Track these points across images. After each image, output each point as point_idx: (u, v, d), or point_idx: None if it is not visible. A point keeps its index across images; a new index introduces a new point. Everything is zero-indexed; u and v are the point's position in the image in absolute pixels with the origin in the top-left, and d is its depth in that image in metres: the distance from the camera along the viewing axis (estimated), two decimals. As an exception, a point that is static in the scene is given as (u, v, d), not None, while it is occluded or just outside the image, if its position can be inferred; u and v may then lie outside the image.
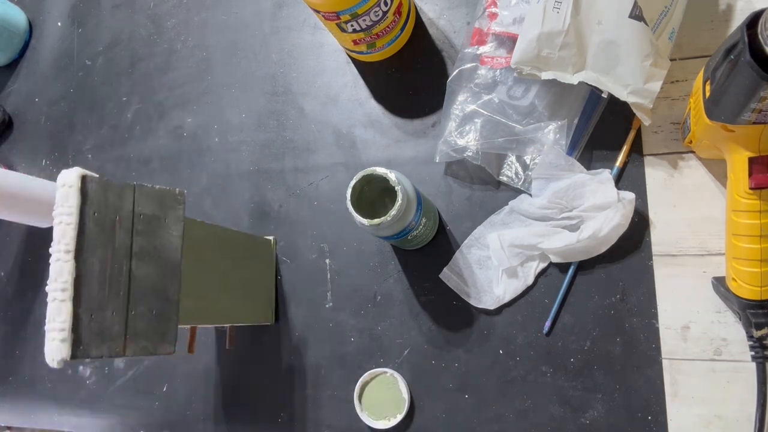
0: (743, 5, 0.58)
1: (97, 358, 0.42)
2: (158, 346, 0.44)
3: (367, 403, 0.62)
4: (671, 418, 0.53)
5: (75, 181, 0.42)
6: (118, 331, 0.43)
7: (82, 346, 0.41)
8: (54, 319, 0.41)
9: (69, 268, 0.41)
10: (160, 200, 0.47)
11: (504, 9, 0.62)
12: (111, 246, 0.43)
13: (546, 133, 0.59)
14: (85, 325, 0.41)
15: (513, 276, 0.60)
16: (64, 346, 0.40)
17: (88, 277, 0.42)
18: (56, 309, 0.41)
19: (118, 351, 0.42)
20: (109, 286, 0.43)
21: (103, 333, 0.42)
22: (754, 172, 0.46)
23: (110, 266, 0.43)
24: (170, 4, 0.85)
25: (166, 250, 0.47)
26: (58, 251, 0.41)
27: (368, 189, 0.57)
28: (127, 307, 0.43)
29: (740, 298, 0.49)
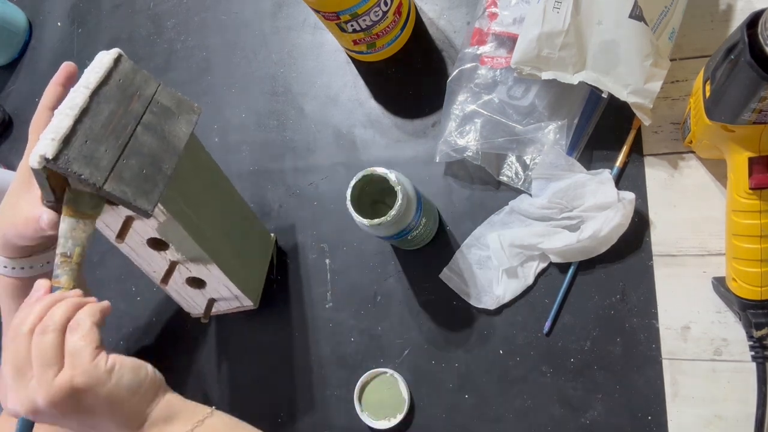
0: (743, 5, 0.58)
1: (76, 175, 0.41)
2: (138, 198, 0.44)
3: (367, 403, 0.62)
4: (671, 418, 0.53)
5: (114, 52, 0.47)
6: (106, 166, 0.43)
7: (68, 155, 0.41)
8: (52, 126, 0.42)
9: (83, 98, 0.43)
10: (179, 103, 0.50)
11: (504, 9, 0.62)
12: (124, 106, 0.46)
13: (546, 133, 0.59)
14: (77, 142, 0.42)
15: (513, 276, 0.60)
16: (51, 145, 0.40)
17: (95, 114, 0.44)
18: (58, 121, 0.42)
19: (98, 180, 0.42)
20: (111, 131, 0.44)
21: (91, 159, 0.42)
22: (754, 172, 0.46)
23: (118, 119, 0.45)
24: (170, 4, 0.85)
25: (172, 135, 0.49)
26: (79, 86, 0.44)
27: (368, 189, 0.57)
28: (121, 154, 0.44)
29: (740, 298, 0.49)
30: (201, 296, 0.65)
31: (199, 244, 0.55)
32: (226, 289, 0.63)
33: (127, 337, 0.74)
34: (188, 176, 0.54)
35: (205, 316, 0.65)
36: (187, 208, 0.53)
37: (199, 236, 0.55)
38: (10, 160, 0.86)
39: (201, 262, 0.58)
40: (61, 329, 0.40)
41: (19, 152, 0.87)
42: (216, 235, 0.58)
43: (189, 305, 0.67)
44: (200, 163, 0.58)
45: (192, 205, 0.54)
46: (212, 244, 0.57)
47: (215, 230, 0.58)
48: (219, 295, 0.65)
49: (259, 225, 0.69)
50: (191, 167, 0.55)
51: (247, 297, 0.65)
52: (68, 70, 0.50)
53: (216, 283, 0.62)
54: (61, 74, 0.50)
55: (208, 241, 0.57)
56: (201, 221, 0.56)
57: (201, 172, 0.58)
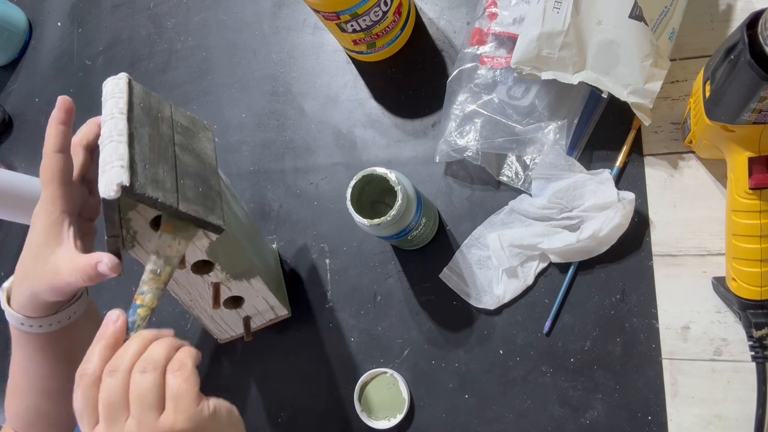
0: (743, 5, 0.58)
1: (152, 201, 0.39)
2: (209, 215, 0.43)
3: (367, 403, 0.62)
4: (671, 418, 0.53)
5: (124, 77, 0.45)
6: (171, 187, 0.41)
7: (140, 181, 0.39)
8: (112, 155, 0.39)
9: (124, 122, 0.41)
10: (192, 121, 0.49)
11: (504, 9, 0.62)
12: (156, 129, 0.44)
13: (546, 133, 0.59)
14: (140, 168, 0.40)
15: (513, 276, 0.60)
16: (123, 172, 0.38)
17: (139, 138, 0.41)
18: (113, 148, 0.39)
19: (172, 202, 0.40)
20: (159, 154, 0.42)
21: (157, 182, 0.40)
22: (754, 172, 0.46)
23: (158, 141, 0.43)
24: (170, 4, 0.85)
25: (203, 154, 0.47)
26: (112, 112, 0.41)
27: (368, 189, 0.57)
28: (176, 175, 0.42)
29: (740, 298, 0.49)
30: (236, 316, 0.63)
31: (246, 259, 0.54)
32: (263, 301, 0.62)
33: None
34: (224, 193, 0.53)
35: (248, 335, 0.63)
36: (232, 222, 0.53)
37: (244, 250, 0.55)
38: (10, 160, 0.86)
39: (243, 278, 0.57)
40: (162, 370, 0.37)
41: (19, 152, 0.87)
42: (250, 248, 0.58)
43: (221, 329, 0.65)
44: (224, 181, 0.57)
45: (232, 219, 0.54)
46: (252, 259, 0.57)
47: (248, 244, 0.58)
48: (255, 311, 0.63)
49: (266, 242, 0.69)
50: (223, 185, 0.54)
51: (282, 306, 0.64)
52: (66, 106, 0.46)
53: (255, 297, 0.60)
54: (60, 112, 0.46)
55: (250, 255, 0.56)
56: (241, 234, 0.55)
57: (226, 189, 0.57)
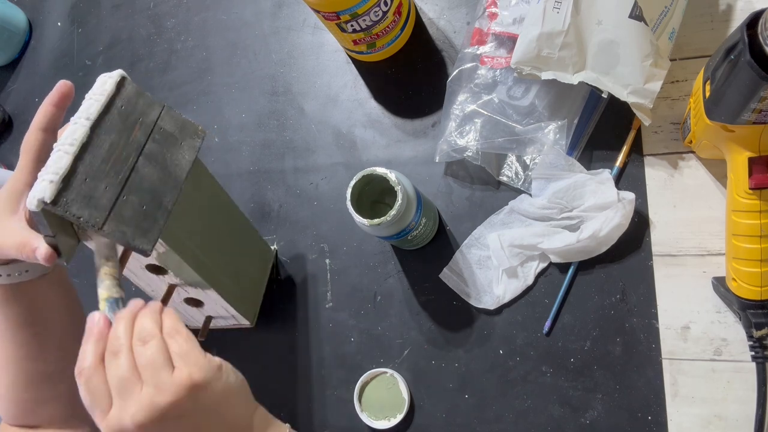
0: (743, 5, 0.58)
1: (75, 218, 0.40)
2: (137, 238, 0.44)
3: (367, 403, 0.62)
4: (671, 418, 0.53)
5: (116, 76, 0.45)
6: (105, 205, 0.42)
7: (67, 198, 0.40)
8: (51, 165, 0.40)
9: (82, 131, 0.42)
10: (183, 127, 0.49)
11: (504, 9, 0.62)
12: (126, 136, 0.45)
13: (546, 133, 0.59)
14: (77, 182, 0.41)
15: (513, 276, 0.60)
16: (50, 188, 0.39)
17: (95, 148, 0.43)
18: (57, 158, 0.41)
19: (97, 221, 0.42)
20: (112, 165, 0.43)
21: (91, 199, 0.42)
22: (754, 172, 0.46)
23: (119, 151, 0.44)
24: (170, 4, 0.85)
25: (174, 165, 0.48)
26: (79, 118, 0.43)
27: (368, 189, 0.57)
28: (121, 191, 0.44)
29: (740, 298, 0.49)
30: (199, 314, 0.65)
31: (197, 272, 0.55)
32: (223, 309, 0.63)
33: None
34: (189, 204, 0.53)
35: (202, 335, 0.64)
36: (186, 239, 0.53)
37: (198, 264, 0.55)
38: (10, 160, 0.86)
39: (199, 287, 0.58)
40: (160, 336, 0.39)
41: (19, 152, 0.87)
42: (214, 260, 0.58)
43: (187, 320, 0.67)
44: (202, 188, 0.57)
45: (191, 233, 0.54)
46: (210, 271, 0.57)
47: (214, 255, 0.58)
48: (216, 314, 0.65)
49: (260, 240, 0.69)
50: (192, 193, 0.54)
51: (243, 317, 0.65)
52: (63, 90, 0.47)
53: (213, 304, 0.62)
54: (55, 94, 0.47)
55: (207, 268, 0.56)
56: (200, 249, 0.55)
57: (202, 196, 0.57)
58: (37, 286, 0.53)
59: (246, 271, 0.66)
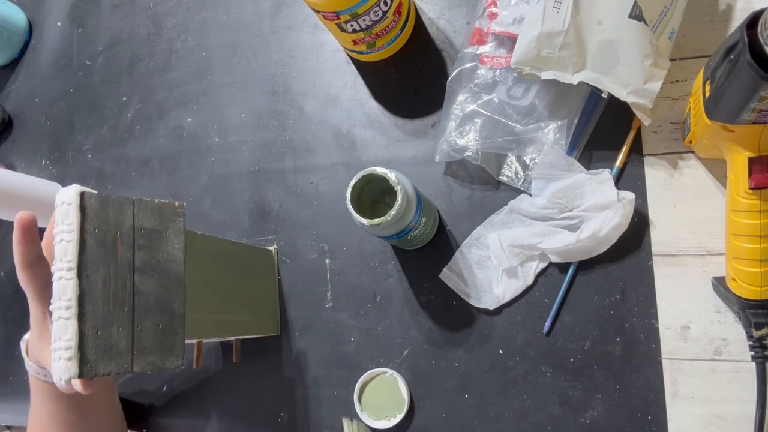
0: (743, 5, 0.58)
1: (104, 375, 0.41)
2: (166, 360, 0.44)
3: (367, 403, 0.62)
4: (671, 418, 0.53)
5: (74, 198, 0.42)
6: (125, 347, 0.42)
7: (89, 363, 0.41)
8: (60, 338, 0.41)
9: (72, 286, 0.41)
10: (160, 214, 0.47)
11: (504, 9, 0.62)
12: (113, 261, 0.43)
13: (546, 133, 0.59)
14: (91, 343, 0.41)
15: (513, 276, 0.60)
16: (71, 365, 0.40)
17: (92, 294, 0.42)
18: (62, 327, 0.41)
19: (126, 367, 0.42)
20: (114, 302, 0.43)
21: (110, 349, 0.42)
22: (754, 172, 0.46)
23: (113, 282, 0.43)
24: (170, 4, 0.85)
25: (168, 263, 0.46)
26: (61, 269, 0.41)
27: (368, 189, 0.57)
28: (133, 323, 0.43)
29: (740, 298, 0.49)
30: None
31: (220, 335, 0.55)
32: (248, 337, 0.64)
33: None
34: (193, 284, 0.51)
35: (236, 358, 0.65)
36: (204, 317, 0.53)
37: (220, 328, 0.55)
38: (10, 160, 0.86)
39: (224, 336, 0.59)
40: None
41: (19, 152, 0.87)
42: (233, 311, 0.58)
43: None
44: (197, 255, 0.54)
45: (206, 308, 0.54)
46: (232, 323, 0.58)
47: (232, 309, 0.58)
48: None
49: (261, 252, 0.68)
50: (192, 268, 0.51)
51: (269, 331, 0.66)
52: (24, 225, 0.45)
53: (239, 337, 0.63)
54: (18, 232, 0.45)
55: (229, 324, 0.57)
56: (218, 314, 0.55)
57: (201, 263, 0.55)
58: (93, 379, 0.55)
59: (260, 293, 0.66)
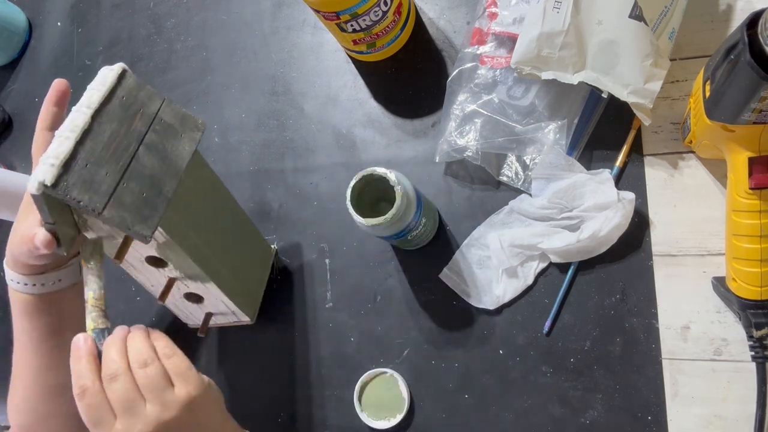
0: (743, 5, 0.58)
1: (75, 201, 0.41)
2: (136, 223, 0.44)
3: (367, 403, 0.62)
4: (671, 418, 0.53)
5: (117, 68, 0.46)
6: (105, 191, 0.43)
7: (68, 182, 0.41)
8: (52, 150, 0.41)
9: (84, 119, 0.43)
10: (183, 119, 0.50)
11: (504, 9, 0.62)
12: (127, 125, 0.45)
13: (546, 133, 0.59)
14: (78, 167, 0.42)
15: (513, 276, 0.60)
16: (50, 171, 0.40)
17: (96, 135, 0.43)
18: (58, 144, 0.41)
19: (98, 206, 0.42)
20: (113, 152, 0.44)
21: (91, 183, 0.42)
22: (754, 172, 0.46)
23: (119, 139, 0.45)
24: (170, 4, 0.85)
25: (174, 154, 0.48)
26: (81, 107, 0.43)
27: (368, 189, 0.57)
28: (121, 177, 0.44)
29: (740, 298, 0.49)
30: (199, 310, 0.65)
31: (198, 264, 0.54)
32: (223, 305, 0.62)
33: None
34: (189, 195, 0.53)
35: (202, 331, 0.64)
36: (186, 229, 0.53)
37: (198, 256, 0.55)
38: (9, 160, 0.86)
39: (199, 280, 0.58)
40: (157, 359, 0.43)
41: (19, 152, 0.87)
42: (215, 253, 0.58)
43: (187, 317, 0.67)
44: (202, 181, 0.57)
45: (192, 224, 0.54)
46: (211, 263, 0.57)
47: (215, 248, 0.58)
48: (217, 310, 0.64)
49: (260, 238, 0.69)
50: (193, 185, 0.54)
51: (244, 313, 0.64)
52: (59, 88, 0.50)
53: (214, 299, 0.61)
54: (53, 93, 0.49)
55: (207, 260, 0.56)
56: (200, 240, 0.55)
57: (203, 189, 0.57)
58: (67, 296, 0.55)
59: (246, 267, 0.66)
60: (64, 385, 0.57)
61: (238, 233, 0.64)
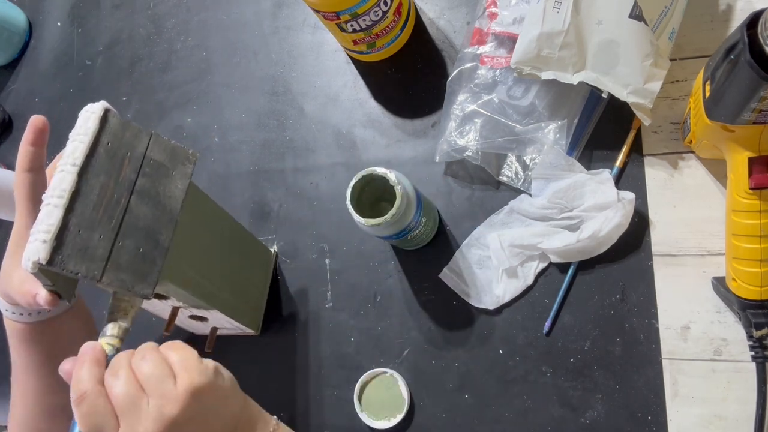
0: (743, 5, 0.58)
1: (72, 274, 0.40)
2: (136, 284, 0.43)
3: (367, 403, 0.62)
4: (671, 418, 0.53)
5: (99, 110, 0.44)
6: (101, 255, 0.42)
7: (62, 255, 0.40)
8: (42, 222, 0.40)
9: (70, 180, 0.41)
10: (173, 154, 0.48)
11: (504, 9, 0.62)
12: (115, 176, 0.44)
13: (546, 133, 0.59)
14: (70, 237, 0.41)
15: (513, 276, 0.60)
16: (43, 248, 0.39)
17: (85, 196, 0.42)
18: (47, 213, 0.40)
19: (96, 274, 0.41)
20: (104, 210, 0.43)
21: (86, 251, 0.41)
22: (754, 172, 0.46)
23: (110, 193, 0.43)
24: (170, 4, 0.85)
25: (167, 197, 0.47)
26: (65, 164, 0.42)
27: (368, 189, 0.57)
28: (116, 237, 0.43)
29: (740, 298, 0.49)
30: (204, 326, 0.65)
31: (199, 299, 0.54)
32: (228, 323, 0.62)
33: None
34: (186, 233, 0.52)
35: (209, 347, 0.63)
36: (186, 269, 0.52)
37: (200, 291, 0.54)
38: (9, 160, 0.86)
39: (202, 308, 0.58)
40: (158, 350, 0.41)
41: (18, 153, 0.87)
42: (216, 282, 0.58)
43: (193, 330, 0.67)
44: (197, 210, 0.56)
45: (190, 262, 0.53)
46: (213, 293, 0.57)
47: (215, 278, 0.58)
48: (222, 326, 0.64)
49: (260, 247, 0.68)
50: (188, 218, 0.53)
51: (248, 327, 0.65)
52: (36, 126, 0.46)
53: (218, 320, 0.62)
54: (29, 133, 0.47)
55: (209, 291, 0.56)
56: (201, 275, 0.55)
57: (198, 218, 0.56)
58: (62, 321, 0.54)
59: (248, 281, 0.66)
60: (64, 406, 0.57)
61: (236, 251, 0.63)
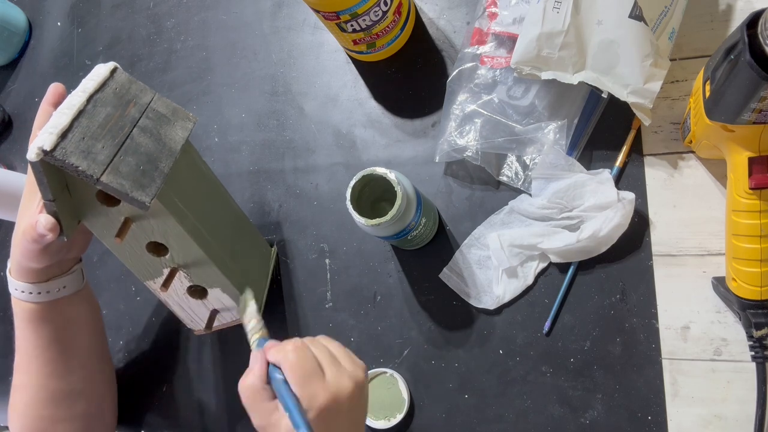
0: (743, 5, 0.58)
1: (73, 167, 0.41)
2: (134, 191, 0.45)
3: (367, 403, 0.62)
4: (671, 418, 0.53)
5: (110, 65, 0.49)
6: (103, 161, 0.44)
7: (65, 148, 0.42)
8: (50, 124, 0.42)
9: (80, 99, 0.44)
10: (174, 111, 0.52)
11: (504, 9, 0.62)
12: (121, 111, 0.47)
13: (546, 133, 0.59)
14: (75, 138, 0.43)
15: (513, 276, 0.60)
16: (49, 138, 0.41)
17: (92, 116, 0.45)
18: (56, 118, 0.42)
19: (96, 172, 0.43)
20: (108, 131, 0.45)
21: (89, 153, 0.43)
22: (754, 172, 0.46)
23: (114, 121, 0.46)
24: (170, 4, 0.85)
25: (168, 138, 0.50)
26: (77, 91, 0.45)
27: (368, 189, 0.57)
28: (118, 151, 0.45)
29: (740, 298, 0.49)
30: (203, 307, 0.64)
31: (197, 243, 0.55)
32: (228, 297, 0.62)
33: (127, 338, 0.74)
34: (186, 180, 0.54)
35: (208, 327, 0.64)
36: (184, 207, 0.54)
37: (197, 236, 0.55)
38: (9, 160, 0.86)
39: (200, 266, 0.58)
40: None
41: (19, 152, 0.87)
42: (215, 239, 0.58)
43: (192, 319, 0.66)
44: (199, 172, 0.58)
45: (190, 206, 0.54)
46: (212, 247, 0.57)
47: (214, 235, 0.58)
48: (221, 305, 0.64)
49: (261, 238, 0.68)
50: (189, 173, 0.55)
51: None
52: (56, 91, 0.51)
53: (218, 292, 0.61)
54: (50, 95, 0.51)
55: (207, 243, 0.56)
56: (199, 222, 0.56)
57: (199, 180, 0.58)
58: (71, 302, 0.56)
59: (248, 259, 0.65)
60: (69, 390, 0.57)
61: (238, 229, 0.64)
